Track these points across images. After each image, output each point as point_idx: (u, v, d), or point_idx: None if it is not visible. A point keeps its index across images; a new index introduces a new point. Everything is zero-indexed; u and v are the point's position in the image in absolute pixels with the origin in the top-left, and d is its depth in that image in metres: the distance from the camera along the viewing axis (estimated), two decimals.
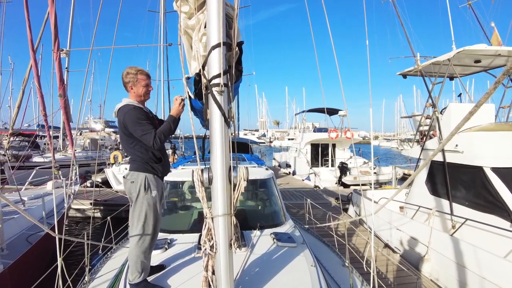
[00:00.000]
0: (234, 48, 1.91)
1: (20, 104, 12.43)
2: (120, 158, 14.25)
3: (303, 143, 17.80)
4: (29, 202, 6.69)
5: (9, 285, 4.33)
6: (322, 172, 15.72)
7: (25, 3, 7.20)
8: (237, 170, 1.82)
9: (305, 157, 17.23)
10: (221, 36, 1.80)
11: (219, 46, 1.79)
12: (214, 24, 1.82)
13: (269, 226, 3.60)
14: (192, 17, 2.06)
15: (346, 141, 17.34)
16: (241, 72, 2.06)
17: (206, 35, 1.92)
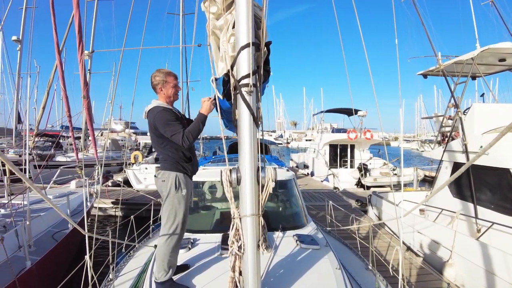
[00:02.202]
0: (262, 48, 1.91)
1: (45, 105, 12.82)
2: (140, 158, 14.50)
3: (321, 143, 17.63)
4: (54, 200, 6.87)
5: (36, 281, 4.45)
6: (341, 173, 15.54)
7: (51, 8, 7.42)
8: (265, 170, 1.82)
9: (324, 158, 17.06)
10: (250, 37, 1.80)
11: (248, 47, 1.79)
12: (243, 25, 1.82)
13: (291, 227, 3.57)
14: (220, 17, 2.07)
15: (365, 142, 17.08)
16: (268, 72, 2.05)
17: (234, 35, 1.92)
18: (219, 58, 2.12)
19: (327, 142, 17.37)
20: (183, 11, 18.16)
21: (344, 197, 11.63)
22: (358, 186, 14.62)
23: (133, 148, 22.82)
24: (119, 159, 19.70)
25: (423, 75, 8.26)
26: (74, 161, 13.13)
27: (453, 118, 7.31)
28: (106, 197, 10.22)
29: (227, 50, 1.94)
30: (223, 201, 4.49)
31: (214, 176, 4.41)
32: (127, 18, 3.36)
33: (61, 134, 22.98)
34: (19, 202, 5.83)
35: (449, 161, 6.81)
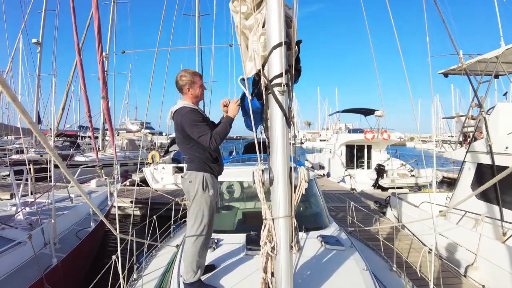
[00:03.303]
0: (293, 47, 1.89)
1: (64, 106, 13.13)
2: (157, 158, 14.67)
3: (337, 144, 17.44)
4: (76, 199, 7.01)
5: (62, 278, 4.54)
6: (357, 174, 15.35)
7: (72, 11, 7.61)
8: (297, 171, 1.80)
9: (340, 158, 16.88)
10: (282, 36, 1.79)
11: (280, 46, 1.78)
12: (275, 24, 1.81)
13: (315, 228, 3.55)
14: (249, 17, 2.06)
15: (382, 143, 16.82)
16: (299, 72, 2.03)
17: (264, 35, 1.91)
18: (248, 58, 2.12)
19: (343, 143, 17.18)
20: (198, 12, 18.36)
21: (362, 198, 11.49)
22: (375, 187, 14.41)
23: (149, 148, 23.12)
24: (136, 158, 19.99)
25: (444, 74, 8.07)
26: (93, 160, 13.41)
27: (476, 118, 7.13)
28: (125, 196, 10.38)
29: (258, 49, 1.93)
30: (243, 201, 4.50)
31: (236, 176, 4.42)
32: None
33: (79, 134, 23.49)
34: (43, 200, 5.97)
35: (472, 162, 6.64)
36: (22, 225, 4.89)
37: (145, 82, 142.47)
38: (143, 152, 21.28)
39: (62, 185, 8.58)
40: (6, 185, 10.60)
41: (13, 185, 5.58)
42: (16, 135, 14.23)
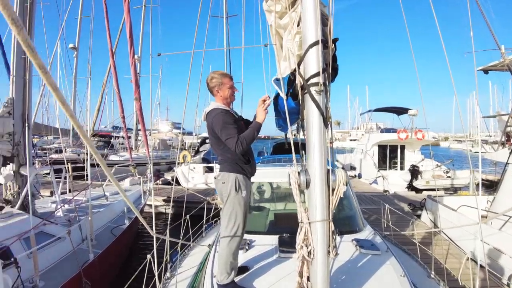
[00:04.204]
0: (330, 45, 1.83)
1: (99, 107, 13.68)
2: (188, 158, 14.94)
3: (369, 144, 16.98)
4: (111, 197, 7.25)
5: (98, 273, 4.70)
6: (390, 175, 14.89)
7: (105, 17, 7.87)
8: (335, 173, 1.74)
9: (372, 159, 16.43)
10: (319, 34, 1.74)
11: (317, 44, 1.73)
12: (311, 22, 1.76)
13: (349, 232, 3.45)
14: (284, 16, 2.03)
15: (416, 143, 16.22)
16: (336, 71, 1.96)
17: (299, 33, 1.87)
18: (282, 57, 2.08)
19: (375, 143, 16.71)
20: (226, 13, 18.54)
21: (395, 200, 11.11)
22: (409, 189, 13.93)
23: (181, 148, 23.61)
24: (167, 158, 20.46)
25: (484, 71, 7.65)
26: (126, 160, 13.85)
27: None
28: (157, 195, 10.62)
29: (293, 48, 1.89)
30: (273, 202, 4.46)
31: (268, 177, 4.39)
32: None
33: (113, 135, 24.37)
34: (81, 198, 6.22)
35: None
36: (61, 221, 5.11)
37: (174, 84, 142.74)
38: (175, 151, 21.75)
39: (98, 183, 8.90)
40: (47, 182, 11.14)
41: (53, 183, 5.84)
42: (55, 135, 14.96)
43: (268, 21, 2.19)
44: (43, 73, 0.74)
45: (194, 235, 4.70)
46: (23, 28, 0.66)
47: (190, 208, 6.19)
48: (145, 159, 15.18)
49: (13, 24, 0.64)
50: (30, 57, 0.71)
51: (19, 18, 0.65)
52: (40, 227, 4.39)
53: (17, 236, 3.89)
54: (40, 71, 0.73)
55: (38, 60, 0.71)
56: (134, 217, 6.63)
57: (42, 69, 0.73)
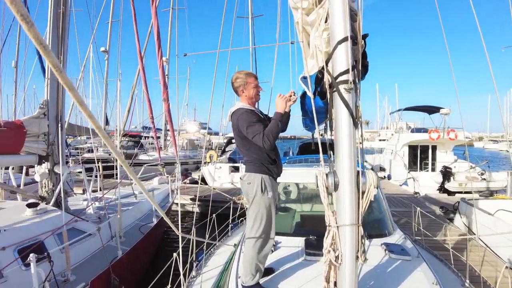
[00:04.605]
0: (360, 42, 1.75)
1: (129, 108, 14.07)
2: (215, 158, 15.09)
3: (399, 144, 16.44)
4: (140, 195, 7.41)
5: (126, 269, 4.80)
6: (421, 177, 14.35)
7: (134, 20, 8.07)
8: (366, 175, 1.66)
9: (402, 160, 15.91)
10: (347, 30, 1.67)
11: (346, 40, 1.66)
12: (339, 17, 1.70)
13: (378, 235, 3.32)
14: (311, 12, 1.97)
15: (449, 143, 15.55)
16: (366, 68, 1.88)
17: (327, 30, 1.80)
18: (309, 55, 2.01)
19: (406, 143, 16.16)
20: (252, 13, 18.63)
21: (426, 203, 10.69)
22: (440, 191, 13.36)
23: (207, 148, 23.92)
24: (195, 158, 20.78)
25: None
26: (155, 159, 14.16)
27: None
28: (185, 194, 10.78)
29: (321, 45, 1.82)
30: (300, 203, 4.39)
31: (294, 177, 4.33)
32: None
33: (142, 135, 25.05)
34: (110, 196, 6.39)
35: None
36: (92, 218, 5.26)
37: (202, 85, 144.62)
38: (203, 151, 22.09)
39: (127, 182, 9.16)
40: (79, 180, 11.58)
41: (84, 181, 6.03)
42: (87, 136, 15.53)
43: (294, 18, 2.14)
44: (57, 72, 0.73)
45: (220, 234, 4.71)
46: (33, 24, 0.64)
47: (216, 207, 6.22)
48: (173, 159, 15.46)
49: (23, 20, 0.62)
50: (43, 55, 0.69)
51: (28, 14, 0.63)
52: (72, 223, 4.54)
53: (51, 232, 4.04)
54: (55, 70, 0.72)
55: (52, 58, 0.70)
56: (160, 216, 6.74)
57: (56, 68, 0.72)
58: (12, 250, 3.60)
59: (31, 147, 4.90)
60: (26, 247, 3.70)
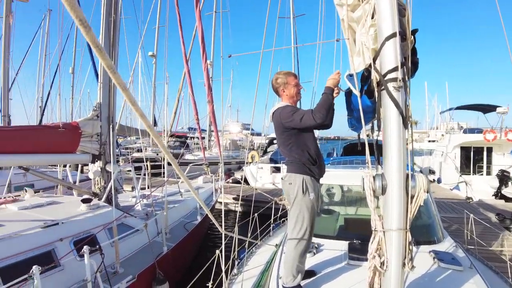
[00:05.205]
0: (409, 37, 1.67)
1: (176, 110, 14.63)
2: (257, 158, 15.20)
3: (450, 146, 15.46)
4: (185, 193, 7.64)
5: (171, 265, 4.97)
6: (475, 181, 13.40)
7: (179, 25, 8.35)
8: (415, 179, 1.57)
9: (454, 162, 14.93)
10: (395, 25, 1.59)
11: (394, 36, 1.58)
12: (387, 13, 1.62)
13: (426, 242, 3.14)
14: (356, 9, 1.91)
15: (506, 144, 14.36)
16: (416, 65, 1.79)
17: (374, 26, 1.73)
18: (356, 52, 1.95)
19: (458, 144, 15.16)
20: (293, 13, 18.56)
21: (480, 209, 9.95)
22: (497, 197, 12.37)
23: (250, 148, 24.17)
24: (237, 158, 21.09)
25: None
26: (200, 159, 14.52)
27: None
28: (228, 193, 10.97)
29: (368, 42, 1.75)
30: (344, 205, 4.28)
31: (338, 179, 4.24)
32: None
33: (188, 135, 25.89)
34: (158, 194, 6.65)
35: None
36: (140, 215, 5.51)
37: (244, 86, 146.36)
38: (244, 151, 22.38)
39: (173, 180, 9.48)
40: (129, 178, 12.19)
41: (133, 179, 6.33)
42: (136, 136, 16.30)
43: (339, 15, 2.09)
44: (111, 73, 0.77)
45: (262, 234, 4.72)
46: (91, 29, 0.68)
47: (258, 207, 6.25)
48: (217, 159, 15.82)
49: (81, 25, 0.66)
50: (99, 57, 0.73)
51: (86, 18, 0.67)
52: (122, 219, 4.78)
53: (102, 226, 4.29)
54: (109, 71, 0.76)
55: (106, 60, 0.73)
56: (206, 213, 6.89)
57: (111, 69, 0.75)
58: (68, 241, 3.87)
59: (85, 147, 5.23)
60: (80, 239, 3.96)
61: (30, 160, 4.63)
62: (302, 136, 2.44)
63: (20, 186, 7.19)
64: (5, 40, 8.86)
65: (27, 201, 4.90)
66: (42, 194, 5.63)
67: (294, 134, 2.42)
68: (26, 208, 4.45)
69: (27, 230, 3.65)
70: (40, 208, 4.57)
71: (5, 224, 3.79)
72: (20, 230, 3.63)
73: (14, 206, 4.51)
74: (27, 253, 3.42)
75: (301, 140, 2.44)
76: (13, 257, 3.29)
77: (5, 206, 4.60)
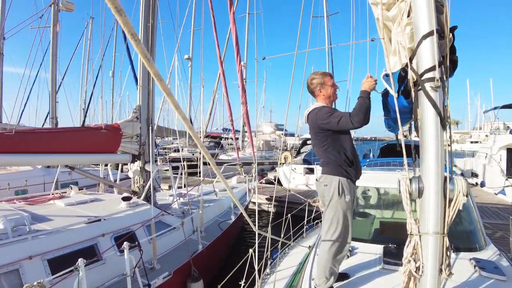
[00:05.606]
0: (447, 35, 1.61)
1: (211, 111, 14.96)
2: (290, 159, 15.14)
3: (495, 147, 14.50)
4: (220, 193, 7.78)
5: (205, 262, 5.08)
6: None
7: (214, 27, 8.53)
8: (454, 182, 1.51)
9: (499, 165, 14.03)
10: (433, 23, 1.55)
11: (432, 35, 1.53)
12: (424, 10, 1.58)
13: (466, 249, 2.99)
14: (392, 7, 1.87)
15: None
16: (455, 63, 1.72)
17: (410, 24, 1.69)
18: (391, 52, 1.91)
19: (503, 146, 14.19)
20: (327, 12, 18.31)
21: None
22: None
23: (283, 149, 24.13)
24: (270, 158, 21.14)
25: None
26: (234, 159, 14.74)
27: None
28: (261, 193, 11.02)
29: (404, 41, 1.71)
30: (380, 209, 4.17)
31: (374, 181, 4.14)
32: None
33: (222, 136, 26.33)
34: (193, 193, 6.82)
35: None
36: (177, 213, 5.67)
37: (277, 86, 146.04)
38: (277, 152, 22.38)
39: (209, 180, 9.66)
40: (166, 177, 12.58)
41: (171, 178, 6.53)
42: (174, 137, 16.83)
43: (374, 14, 2.05)
44: (158, 80, 0.83)
45: (295, 235, 4.70)
46: (140, 42, 0.74)
47: (291, 208, 6.23)
48: (250, 159, 15.93)
49: (132, 38, 0.72)
50: (147, 67, 0.80)
51: (136, 33, 0.73)
52: (159, 217, 4.96)
53: (141, 223, 4.47)
54: (156, 79, 0.82)
55: (154, 69, 0.79)
56: (239, 213, 6.98)
57: (158, 77, 0.82)
58: (109, 237, 4.07)
59: (126, 147, 5.48)
60: (120, 235, 4.15)
61: (75, 159, 4.93)
62: (338, 137, 2.42)
63: (66, 184, 7.69)
64: (53, 47, 9.46)
65: (73, 197, 5.23)
66: (85, 192, 5.97)
67: (330, 135, 2.41)
68: (71, 205, 4.76)
69: (73, 225, 3.90)
70: (84, 205, 4.86)
71: (54, 219, 4.08)
72: (67, 224, 3.88)
73: (61, 202, 4.84)
74: (73, 246, 3.66)
75: (338, 141, 2.42)
76: (61, 249, 3.54)
77: (54, 202, 4.94)
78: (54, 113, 9.54)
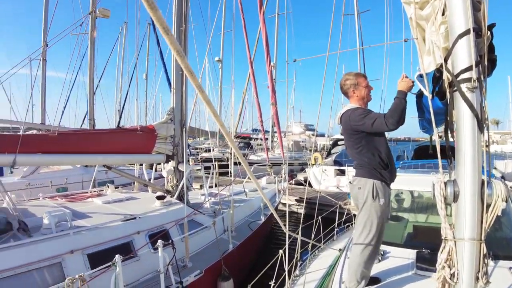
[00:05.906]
0: (485, 33, 1.55)
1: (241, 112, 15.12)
2: (320, 160, 14.96)
3: None
4: (250, 193, 7.83)
5: (236, 262, 5.13)
6: None
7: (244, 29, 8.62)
8: (492, 186, 1.45)
9: None
10: (469, 21, 1.49)
11: (468, 33, 1.48)
12: (459, 8, 1.54)
13: (506, 257, 2.83)
14: (425, 6, 1.82)
15: None
16: (493, 63, 1.65)
17: (445, 23, 1.64)
18: (425, 51, 1.86)
19: None
20: (357, 10, 17.87)
21: None
22: None
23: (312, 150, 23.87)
24: (300, 159, 21.00)
25: None
26: (264, 160, 14.77)
27: None
28: (291, 194, 10.96)
29: (438, 41, 1.67)
30: (413, 212, 4.05)
31: (408, 184, 4.03)
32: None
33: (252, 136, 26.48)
34: (224, 192, 6.92)
35: None
36: (208, 212, 5.77)
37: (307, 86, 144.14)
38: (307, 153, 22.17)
39: (239, 180, 9.76)
40: (198, 177, 12.82)
41: (202, 178, 6.66)
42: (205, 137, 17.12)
43: (407, 13, 2.01)
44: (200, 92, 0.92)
45: (325, 238, 4.66)
46: (185, 57, 0.80)
47: (321, 210, 6.16)
48: (280, 160, 15.92)
49: (178, 54, 0.80)
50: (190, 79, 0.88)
51: (180, 47, 0.78)
52: (192, 216, 5.06)
53: (174, 222, 4.60)
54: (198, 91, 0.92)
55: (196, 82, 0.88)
56: (269, 213, 6.99)
57: (200, 89, 0.93)
58: (144, 234, 4.23)
59: (160, 148, 5.65)
60: (155, 233, 4.30)
61: (112, 159, 5.17)
62: (373, 139, 2.38)
63: (103, 182, 8.03)
64: (90, 52, 9.91)
65: (109, 196, 5.48)
66: (121, 190, 6.22)
67: (365, 137, 2.37)
68: (108, 202, 4.98)
69: (110, 222, 4.09)
70: (120, 203, 5.07)
71: (92, 216, 4.30)
72: (104, 222, 4.08)
73: (99, 200, 5.09)
74: (110, 242, 3.83)
75: (372, 143, 2.38)
76: (99, 245, 3.72)
77: (92, 199, 5.19)
78: (92, 114, 9.99)
